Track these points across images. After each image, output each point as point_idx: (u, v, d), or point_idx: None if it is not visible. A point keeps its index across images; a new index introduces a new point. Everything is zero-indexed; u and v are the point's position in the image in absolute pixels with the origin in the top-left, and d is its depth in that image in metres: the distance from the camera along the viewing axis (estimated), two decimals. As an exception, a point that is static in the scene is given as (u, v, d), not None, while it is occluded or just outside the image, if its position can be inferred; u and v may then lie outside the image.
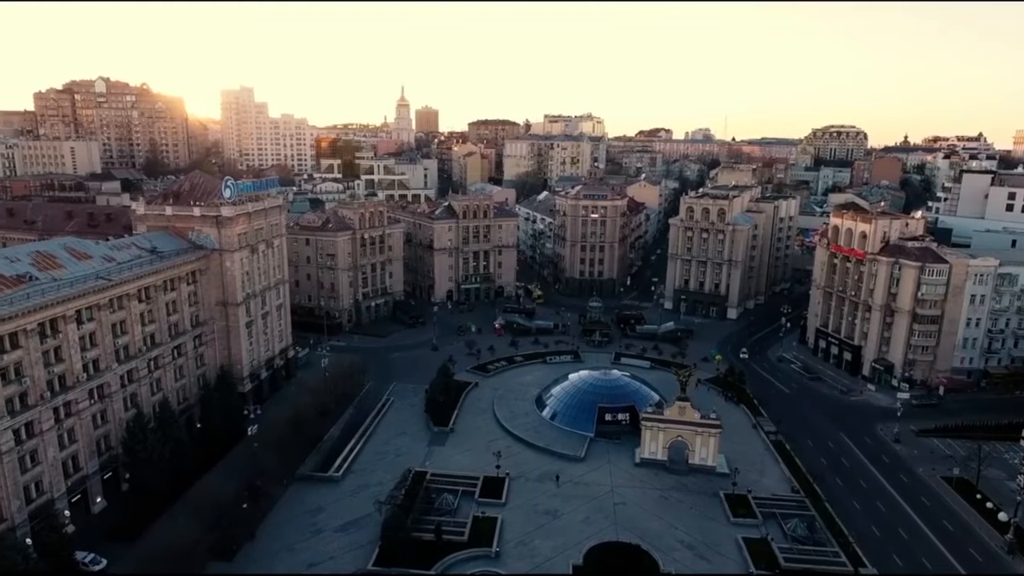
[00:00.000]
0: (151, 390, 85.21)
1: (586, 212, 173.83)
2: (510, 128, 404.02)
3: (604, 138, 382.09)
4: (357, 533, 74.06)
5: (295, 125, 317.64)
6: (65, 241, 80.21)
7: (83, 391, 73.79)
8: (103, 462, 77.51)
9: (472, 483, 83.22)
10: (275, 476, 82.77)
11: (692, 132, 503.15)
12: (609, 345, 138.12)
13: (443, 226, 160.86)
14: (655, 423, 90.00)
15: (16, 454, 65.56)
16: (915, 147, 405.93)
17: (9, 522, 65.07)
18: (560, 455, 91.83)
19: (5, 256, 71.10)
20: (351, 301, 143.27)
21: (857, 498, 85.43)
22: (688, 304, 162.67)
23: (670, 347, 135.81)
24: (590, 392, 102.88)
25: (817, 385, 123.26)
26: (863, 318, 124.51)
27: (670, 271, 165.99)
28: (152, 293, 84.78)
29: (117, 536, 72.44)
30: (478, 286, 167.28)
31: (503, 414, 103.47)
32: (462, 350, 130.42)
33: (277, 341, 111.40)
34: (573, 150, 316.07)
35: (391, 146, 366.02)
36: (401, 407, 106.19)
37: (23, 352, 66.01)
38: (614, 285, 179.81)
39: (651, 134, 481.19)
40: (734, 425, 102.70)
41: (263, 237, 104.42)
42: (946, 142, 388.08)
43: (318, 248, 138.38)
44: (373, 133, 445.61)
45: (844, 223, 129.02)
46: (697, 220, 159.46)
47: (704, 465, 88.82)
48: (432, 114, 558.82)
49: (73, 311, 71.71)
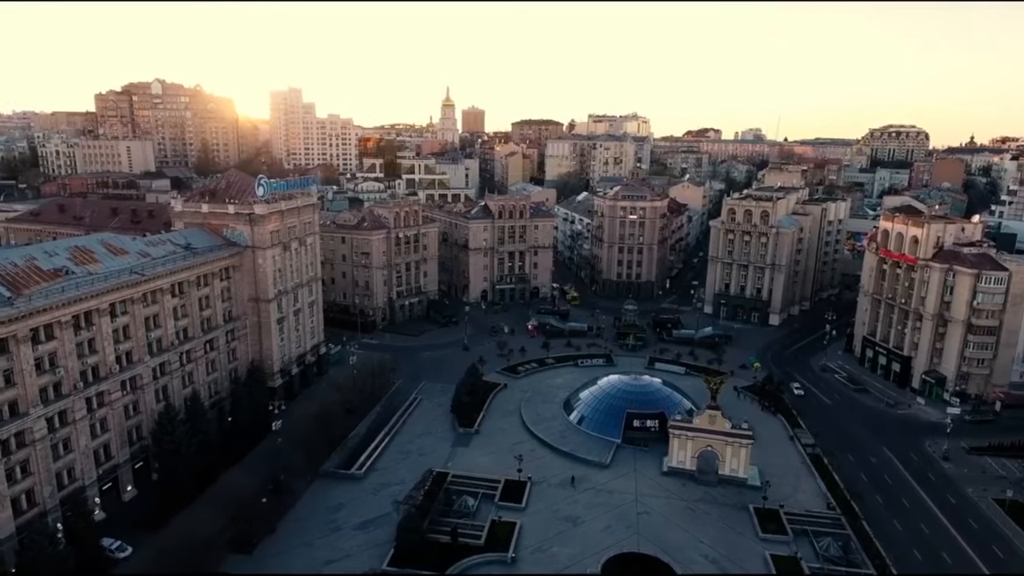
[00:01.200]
0: (183, 383, 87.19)
1: (624, 213, 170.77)
2: (553, 128, 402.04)
3: (649, 138, 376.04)
4: (375, 532, 73.98)
5: (341, 125, 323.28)
6: (103, 237, 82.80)
7: (115, 382, 75.93)
8: (134, 452, 79.61)
9: (493, 486, 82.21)
10: (299, 472, 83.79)
11: (742, 132, 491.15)
12: (644, 349, 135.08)
13: (478, 226, 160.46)
14: (684, 431, 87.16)
15: (49, 441, 67.83)
16: (981, 148, 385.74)
17: (41, 507, 67.38)
18: (585, 461, 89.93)
19: (45, 251, 73.72)
20: (385, 299, 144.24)
21: (899, 518, 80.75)
22: (728, 309, 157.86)
23: (707, 353, 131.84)
24: (619, 397, 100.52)
25: (862, 397, 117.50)
26: (913, 327, 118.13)
27: (710, 274, 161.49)
28: (185, 288, 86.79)
29: (144, 525, 74.19)
30: (513, 287, 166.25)
31: (529, 417, 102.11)
32: (493, 351, 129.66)
33: (309, 338, 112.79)
34: (616, 150, 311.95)
35: (435, 146, 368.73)
36: (428, 406, 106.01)
37: (58, 343, 68.26)
38: (652, 288, 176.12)
39: (699, 134, 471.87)
40: (769, 436, 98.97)
41: (296, 235, 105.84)
42: (1016, 143, 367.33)
43: (353, 246, 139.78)
44: (419, 133, 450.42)
45: (895, 227, 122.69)
46: (739, 222, 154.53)
47: (734, 477, 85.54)
48: (478, 114, 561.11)
49: (107, 304, 73.85)
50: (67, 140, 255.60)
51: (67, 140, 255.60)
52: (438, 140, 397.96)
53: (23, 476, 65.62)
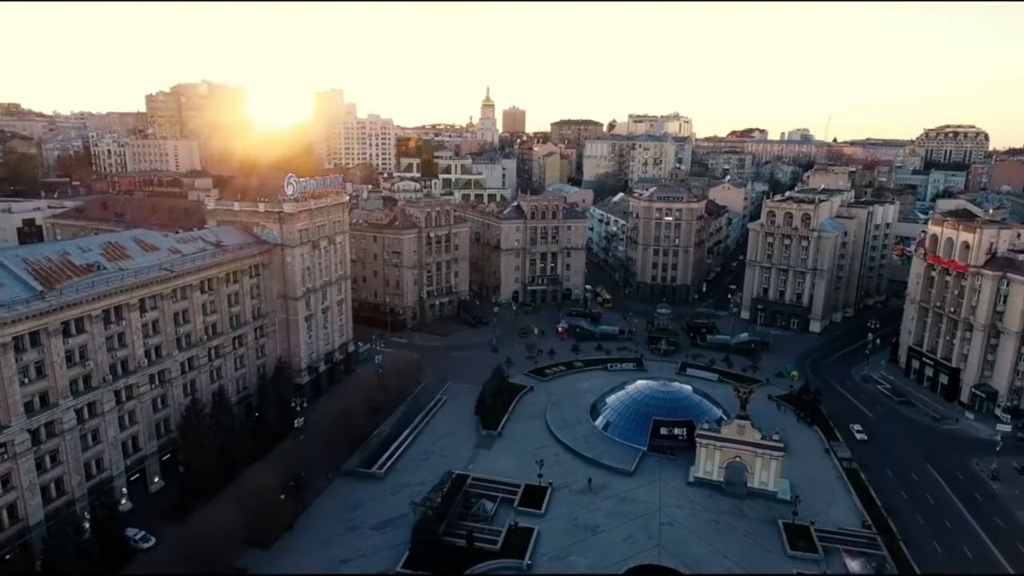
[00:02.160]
0: (211, 378, 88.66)
1: (659, 215, 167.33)
2: (593, 128, 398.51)
3: (690, 139, 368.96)
4: (392, 533, 73.67)
5: (381, 125, 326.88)
6: (136, 233, 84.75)
7: (144, 376, 77.58)
8: (162, 444, 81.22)
9: (512, 490, 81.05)
10: (320, 469, 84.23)
11: (789, 132, 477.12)
12: (676, 354, 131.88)
13: (511, 226, 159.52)
14: (711, 441, 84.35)
15: (78, 432, 69.62)
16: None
17: (70, 495, 69.20)
18: (608, 468, 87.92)
19: (79, 246, 75.76)
20: (415, 299, 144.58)
21: (940, 540, 76.29)
22: (766, 315, 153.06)
23: (742, 360, 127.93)
24: (646, 404, 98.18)
25: (905, 410, 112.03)
26: (963, 338, 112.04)
27: (747, 279, 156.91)
28: (214, 284, 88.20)
29: (169, 516, 75.66)
30: (544, 288, 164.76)
31: (554, 421, 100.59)
32: (522, 352, 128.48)
33: (337, 336, 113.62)
34: (656, 151, 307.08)
35: (473, 146, 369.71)
36: (453, 407, 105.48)
37: (88, 337, 69.99)
38: (688, 291, 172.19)
39: (743, 135, 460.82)
40: (804, 448, 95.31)
41: (325, 233, 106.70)
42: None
43: (385, 245, 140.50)
44: (458, 133, 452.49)
45: (944, 231, 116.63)
46: (779, 225, 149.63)
47: (764, 490, 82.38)
48: (519, 114, 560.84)
49: (136, 300, 75.45)
50: (118, 139, 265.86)
51: (118, 139, 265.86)
52: (477, 140, 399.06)
53: (53, 465, 67.48)
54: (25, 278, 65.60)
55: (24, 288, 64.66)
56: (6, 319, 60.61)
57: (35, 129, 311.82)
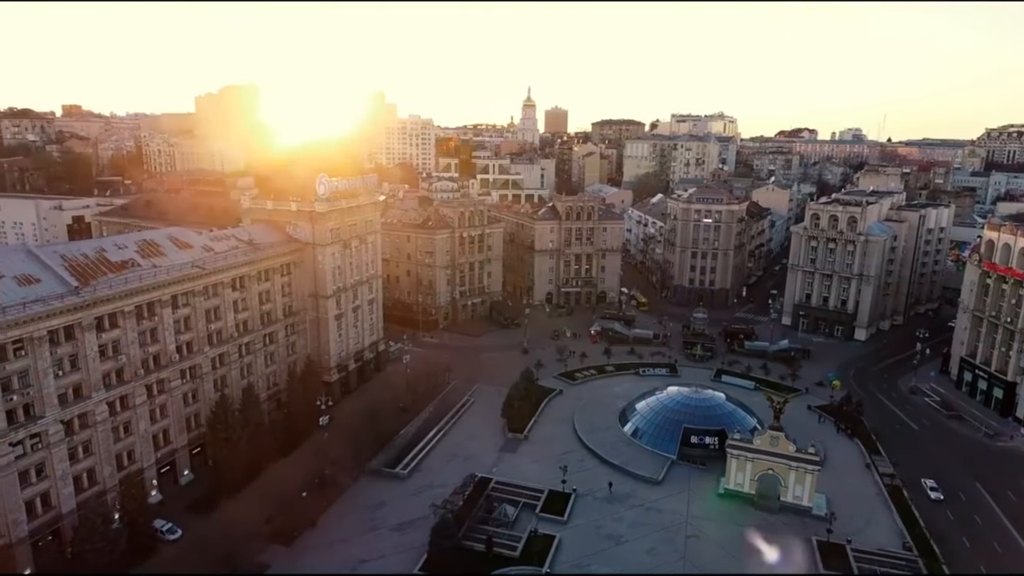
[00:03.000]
0: (241, 374, 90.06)
1: (698, 216, 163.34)
2: (634, 128, 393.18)
3: (735, 139, 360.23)
4: (412, 534, 73.25)
5: (421, 126, 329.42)
6: (171, 231, 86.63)
7: (175, 371, 79.20)
8: (192, 438, 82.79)
9: (535, 496, 79.78)
10: (346, 467, 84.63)
11: (840, 132, 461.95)
12: (711, 361, 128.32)
13: (545, 227, 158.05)
14: (742, 452, 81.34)
15: (110, 424, 71.41)
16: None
17: (101, 486, 71.06)
18: (635, 476, 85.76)
19: (115, 243, 77.83)
20: (447, 299, 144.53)
21: (989, 566, 71.77)
22: (809, 321, 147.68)
23: (782, 368, 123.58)
24: (677, 411, 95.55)
25: (955, 424, 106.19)
26: (1020, 349, 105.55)
27: (789, 283, 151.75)
28: (246, 282, 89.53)
29: (196, 509, 77.13)
30: (579, 290, 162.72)
31: (582, 426, 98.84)
32: (553, 355, 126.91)
33: (367, 334, 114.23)
34: (698, 151, 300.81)
35: (513, 146, 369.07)
36: (480, 409, 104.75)
37: (120, 332, 71.73)
38: (727, 296, 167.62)
39: (792, 134, 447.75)
40: (843, 462, 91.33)
41: (356, 233, 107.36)
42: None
43: (418, 245, 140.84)
44: (499, 133, 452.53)
45: (1001, 237, 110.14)
46: (823, 228, 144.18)
47: (798, 504, 79.01)
48: (561, 115, 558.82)
49: (168, 296, 77.04)
50: (167, 140, 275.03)
51: (167, 140, 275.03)
52: (517, 140, 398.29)
53: (85, 456, 69.39)
54: (62, 274, 67.56)
55: (60, 283, 66.56)
56: (41, 313, 62.47)
57: (92, 130, 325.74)
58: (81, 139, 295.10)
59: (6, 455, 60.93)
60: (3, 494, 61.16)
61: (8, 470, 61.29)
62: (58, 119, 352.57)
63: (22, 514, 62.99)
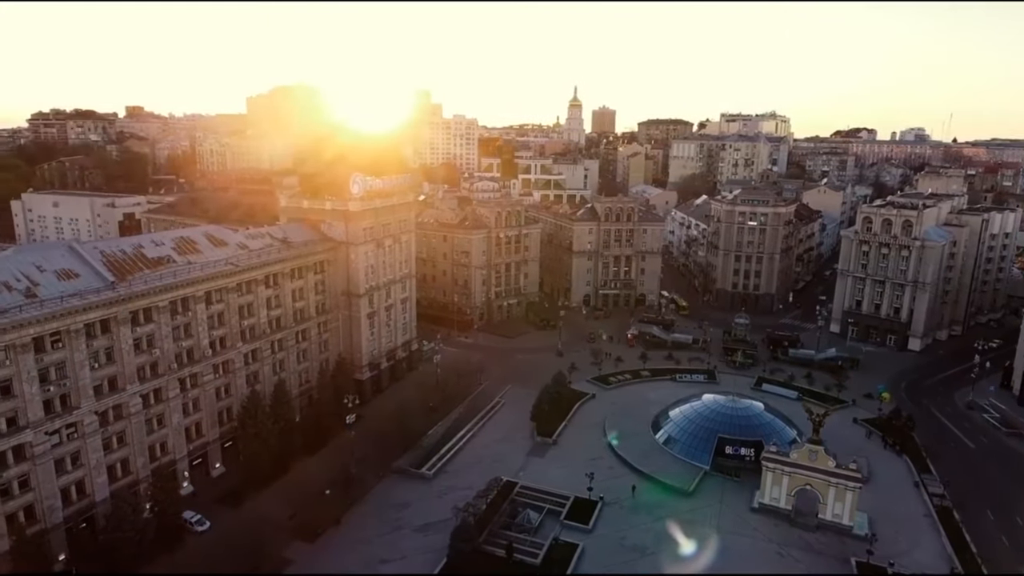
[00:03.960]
0: (273, 370, 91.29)
1: (743, 219, 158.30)
2: (682, 128, 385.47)
3: (787, 139, 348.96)
4: (434, 536, 72.70)
5: (465, 125, 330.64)
6: (207, 229, 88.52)
7: (208, 365, 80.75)
8: (223, 432, 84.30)
9: (561, 502, 78.14)
10: (373, 466, 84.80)
11: (901, 132, 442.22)
12: (753, 368, 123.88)
13: (583, 228, 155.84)
14: (778, 465, 77.82)
15: (143, 416, 73.23)
16: None
17: (134, 476, 72.95)
18: (665, 486, 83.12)
19: (153, 240, 79.88)
20: (483, 299, 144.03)
21: (1046, 597, 66.66)
22: (859, 330, 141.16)
23: (827, 378, 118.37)
24: (712, 419, 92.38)
25: (1015, 443, 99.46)
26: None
27: (839, 290, 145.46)
28: (279, 280, 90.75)
29: (226, 502, 78.41)
30: (617, 292, 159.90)
31: (613, 432, 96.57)
32: (587, 358, 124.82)
33: (400, 333, 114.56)
34: (747, 151, 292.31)
35: (558, 146, 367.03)
36: (510, 411, 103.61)
37: (155, 326, 73.49)
38: (772, 301, 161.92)
39: (849, 134, 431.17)
40: (890, 479, 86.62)
41: (390, 232, 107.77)
42: None
43: (454, 245, 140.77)
44: (545, 133, 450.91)
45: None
46: (876, 232, 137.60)
47: (837, 523, 75.09)
48: (609, 115, 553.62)
49: (202, 292, 78.58)
50: (219, 140, 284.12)
51: (219, 140, 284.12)
52: (562, 140, 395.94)
53: (119, 446, 71.34)
54: (100, 269, 69.58)
55: (98, 279, 68.57)
56: (78, 307, 64.43)
57: (151, 130, 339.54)
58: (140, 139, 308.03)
59: (43, 443, 63.06)
60: (40, 481, 63.33)
61: (45, 458, 63.43)
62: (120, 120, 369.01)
63: (57, 500, 65.11)
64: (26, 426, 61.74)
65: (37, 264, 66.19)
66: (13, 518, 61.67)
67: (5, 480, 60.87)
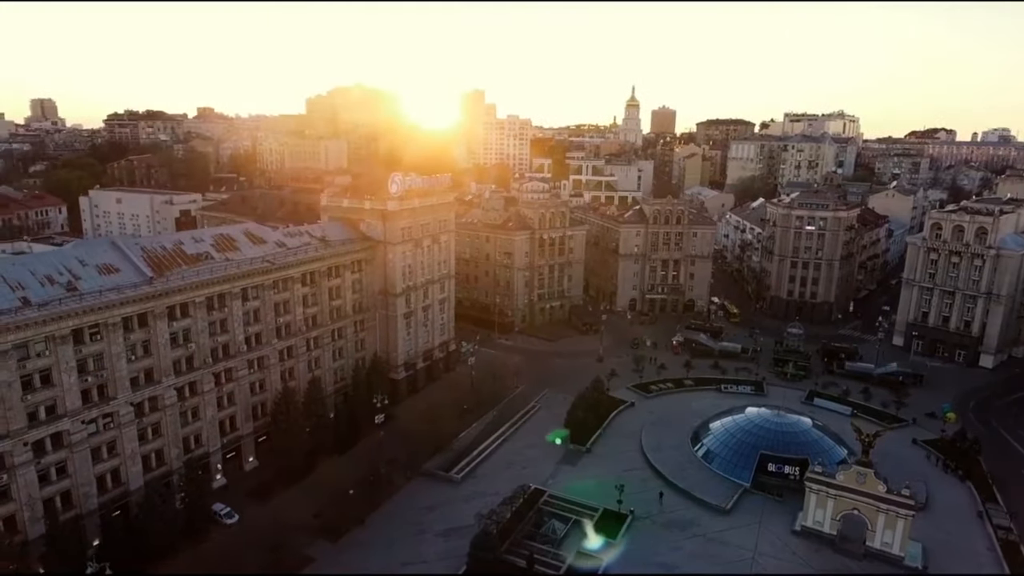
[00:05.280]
0: (308, 367, 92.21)
1: (800, 223, 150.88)
2: (742, 128, 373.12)
3: (855, 139, 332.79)
4: (457, 542, 71.37)
5: (519, 126, 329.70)
6: (247, 226, 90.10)
7: (242, 361, 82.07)
8: (257, 426, 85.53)
9: (589, 514, 75.44)
10: (401, 466, 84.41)
11: (984, 133, 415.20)
12: (805, 381, 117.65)
13: (630, 230, 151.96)
14: (823, 486, 72.95)
15: (178, 409, 74.95)
16: None
17: (168, 466, 74.71)
18: (701, 502, 79.39)
19: (193, 237, 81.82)
20: (525, 301, 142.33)
21: None
22: (925, 343, 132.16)
23: (886, 394, 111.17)
24: (754, 434, 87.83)
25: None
26: None
27: (903, 300, 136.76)
28: (316, 278, 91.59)
29: (256, 495, 79.55)
30: (664, 297, 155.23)
31: (649, 443, 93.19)
32: (629, 364, 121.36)
33: (438, 334, 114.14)
34: (811, 152, 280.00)
35: (614, 147, 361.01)
36: (545, 417, 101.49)
37: (191, 321, 75.10)
38: (830, 310, 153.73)
39: (925, 135, 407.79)
40: (950, 507, 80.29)
41: (429, 232, 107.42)
42: None
43: (497, 246, 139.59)
44: (601, 134, 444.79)
45: None
46: (946, 240, 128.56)
47: (886, 552, 69.80)
48: (669, 115, 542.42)
49: (238, 289, 79.90)
50: (278, 139, 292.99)
51: (278, 139, 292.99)
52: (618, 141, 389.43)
53: (154, 437, 73.16)
54: (140, 264, 71.52)
55: (137, 274, 70.48)
56: (115, 301, 66.32)
57: (216, 130, 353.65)
58: (205, 139, 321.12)
59: (79, 432, 65.15)
60: (76, 468, 65.48)
61: (82, 446, 65.55)
62: (188, 120, 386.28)
63: (93, 487, 67.21)
64: (64, 415, 63.90)
65: (80, 259, 68.50)
66: (51, 503, 63.94)
67: (44, 466, 63.17)
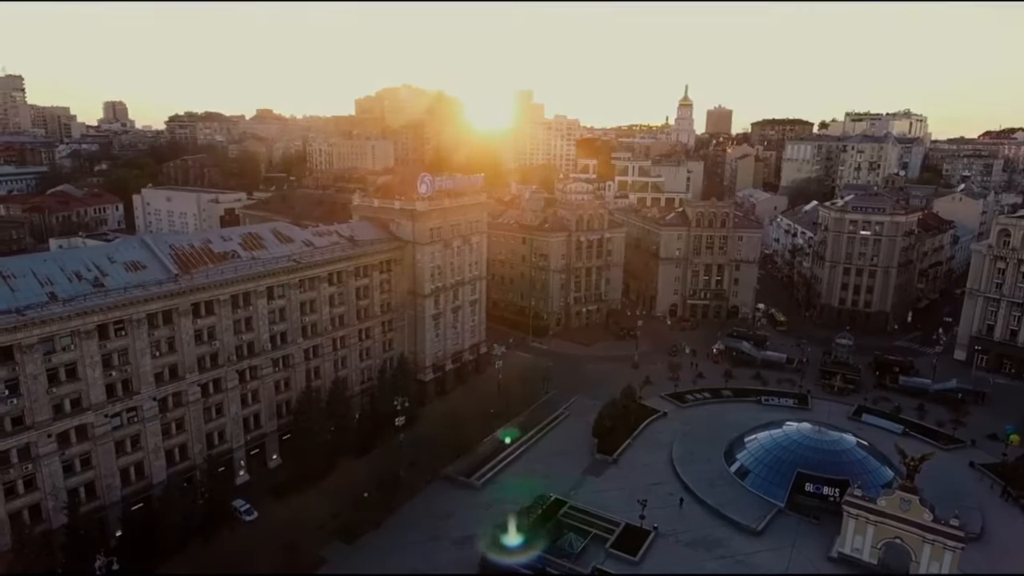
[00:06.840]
0: (334, 367, 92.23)
1: (854, 228, 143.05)
2: (800, 128, 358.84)
3: (922, 140, 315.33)
4: (470, 550, 69.77)
5: (567, 126, 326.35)
6: (276, 225, 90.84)
7: (267, 359, 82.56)
8: (281, 424, 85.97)
9: (610, 528, 72.65)
10: (422, 470, 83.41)
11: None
12: (854, 395, 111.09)
13: (672, 233, 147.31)
14: (862, 512, 67.99)
15: (202, 405, 75.89)
16: None
17: (191, 461, 75.73)
18: (730, 521, 75.32)
19: (221, 236, 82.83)
20: (561, 304, 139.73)
21: None
22: (989, 358, 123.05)
23: (943, 412, 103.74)
24: (792, 451, 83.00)
25: None
26: None
27: (966, 311, 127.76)
28: (343, 277, 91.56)
29: (277, 493, 79.79)
30: (706, 303, 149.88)
31: (680, 455, 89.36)
32: (665, 372, 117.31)
33: (468, 336, 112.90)
34: (872, 153, 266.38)
35: (664, 147, 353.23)
36: (573, 424, 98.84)
37: (216, 319, 75.89)
38: (885, 320, 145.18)
39: (1000, 135, 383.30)
40: (1009, 539, 73.90)
41: (459, 233, 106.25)
42: None
43: (533, 247, 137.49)
44: (652, 134, 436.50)
45: None
46: (1014, 248, 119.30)
47: (932, 586, 64.33)
48: (724, 114, 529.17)
49: (263, 288, 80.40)
50: (327, 140, 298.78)
51: (327, 140, 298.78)
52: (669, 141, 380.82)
53: (178, 432, 74.26)
54: (167, 262, 72.69)
55: (163, 271, 71.64)
56: (140, 298, 67.48)
57: (270, 131, 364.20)
58: (259, 139, 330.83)
59: (103, 425, 66.53)
60: (100, 460, 66.90)
61: (105, 439, 66.92)
62: (244, 121, 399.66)
63: (116, 480, 68.59)
64: (88, 408, 65.33)
65: (109, 255, 70.08)
66: (75, 493, 65.44)
67: (68, 457, 64.70)
